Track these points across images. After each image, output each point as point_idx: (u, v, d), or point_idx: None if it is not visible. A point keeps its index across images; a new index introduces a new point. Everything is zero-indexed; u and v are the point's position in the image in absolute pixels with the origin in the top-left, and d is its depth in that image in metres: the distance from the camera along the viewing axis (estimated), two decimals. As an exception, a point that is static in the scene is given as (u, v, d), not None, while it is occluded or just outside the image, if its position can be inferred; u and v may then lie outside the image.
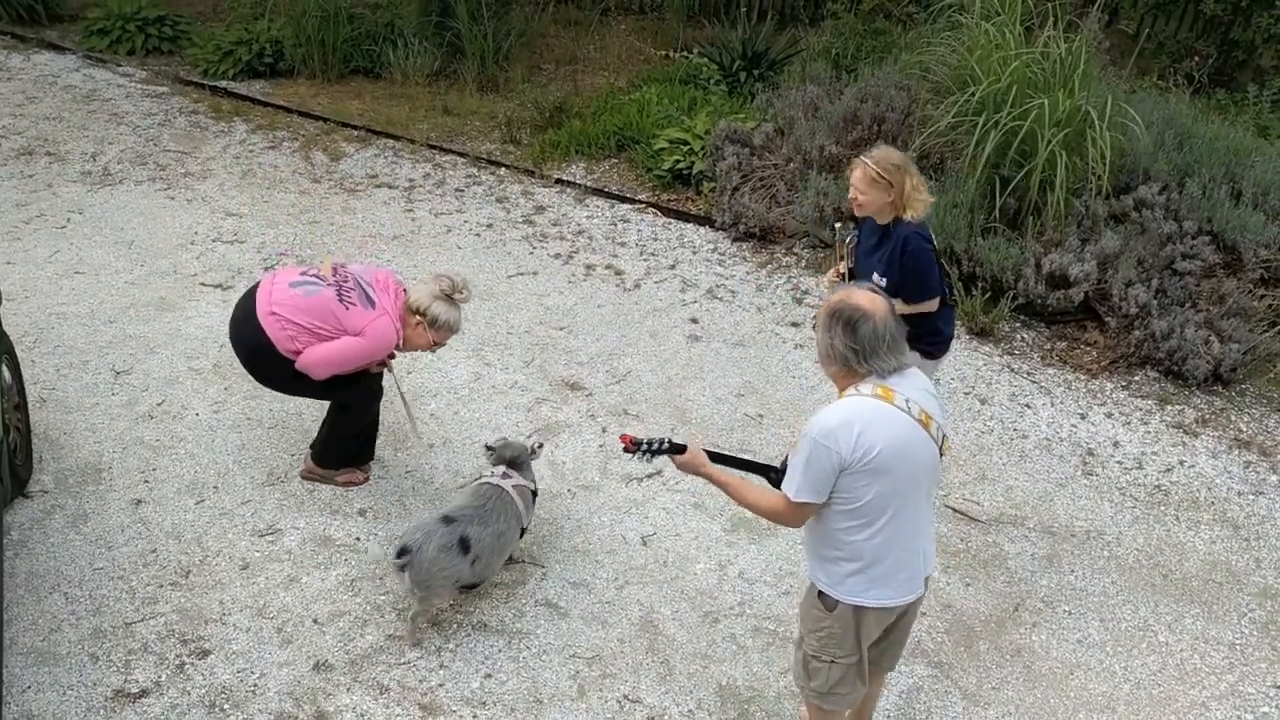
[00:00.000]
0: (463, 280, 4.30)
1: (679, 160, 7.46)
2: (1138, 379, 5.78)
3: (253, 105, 8.56)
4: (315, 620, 4.04)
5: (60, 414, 4.97)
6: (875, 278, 4.15)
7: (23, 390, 4.61)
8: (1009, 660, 4.10)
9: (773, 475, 3.12)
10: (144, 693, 3.70)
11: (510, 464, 4.22)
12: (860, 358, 2.88)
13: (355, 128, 8.25)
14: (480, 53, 8.90)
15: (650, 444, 3.07)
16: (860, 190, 4.06)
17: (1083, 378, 5.80)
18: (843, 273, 4.35)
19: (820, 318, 2.96)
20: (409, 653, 3.92)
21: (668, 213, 7.31)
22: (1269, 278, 6.06)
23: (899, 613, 3.14)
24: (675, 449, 3.09)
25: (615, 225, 7.14)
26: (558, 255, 6.73)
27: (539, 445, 4.41)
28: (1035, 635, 4.21)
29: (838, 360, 2.93)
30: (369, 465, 4.76)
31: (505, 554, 4.11)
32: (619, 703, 3.81)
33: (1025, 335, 6.13)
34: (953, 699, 3.93)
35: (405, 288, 4.32)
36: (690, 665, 3.97)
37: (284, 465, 4.77)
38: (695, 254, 6.84)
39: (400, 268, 6.35)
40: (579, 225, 7.11)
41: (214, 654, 3.87)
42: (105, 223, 6.71)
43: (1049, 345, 6.06)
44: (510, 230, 7.00)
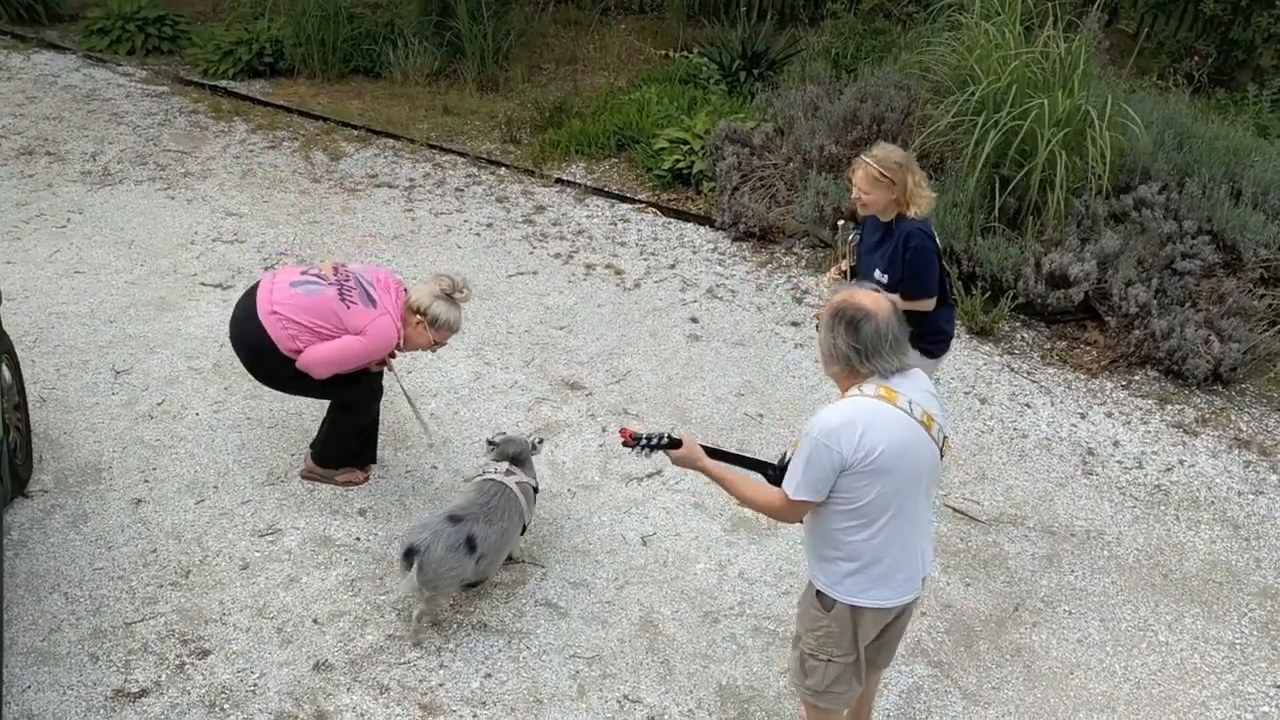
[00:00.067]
0: (463, 279, 4.31)
1: (679, 160, 7.46)
2: (1138, 378, 5.78)
3: (253, 105, 8.56)
4: (315, 620, 4.04)
5: (60, 414, 4.98)
6: (877, 274, 4.14)
7: (23, 390, 4.61)
8: (1009, 660, 4.10)
9: (770, 472, 3.11)
10: (144, 692, 3.70)
11: (513, 460, 4.22)
12: (863, 358, 2.87)
13: (355, 127, 8.25)
14: (480, 52, 8.90)
15: (649, 439, 3.08)
16: (863, 190, 4.06)
17: (1083, 377, 5.80)
18: (844, 271, 4.35)
19: (823, 317, 2.95)
20: (409, 653, 3.92)
21: (668, 212, 7.31)
22: (1269, 277, 6.06)
23: (896, 613, 3.14)
24: (673, 444, 3.10)
25: (615, 225, 7.14)
26: (558, 255, 6.73)
27: (540, 440, 4.42)
28: (1035, 635, 4.21)
29: (840, 360, 2.92)
30: (370, 465, 4.77)
31: (507, 551, 4.12)
32: (619, 703, 3.81)
33: (1025, 335, 6.13)
34: (953, 699, 3.93)
35: (405, 287, 4.32)
36: (690, 665, 3.97)
37: (284, 465, 4.77)
38: (695, 253, 6.84)
39: (400, 267, 6.35)
40: (579, 225, 7.11)
41: (214, 654, 3.87)
42: (105, 222, 6.71)
43: (1049, 345, 6.06)
44: (510, 230, 7.00)
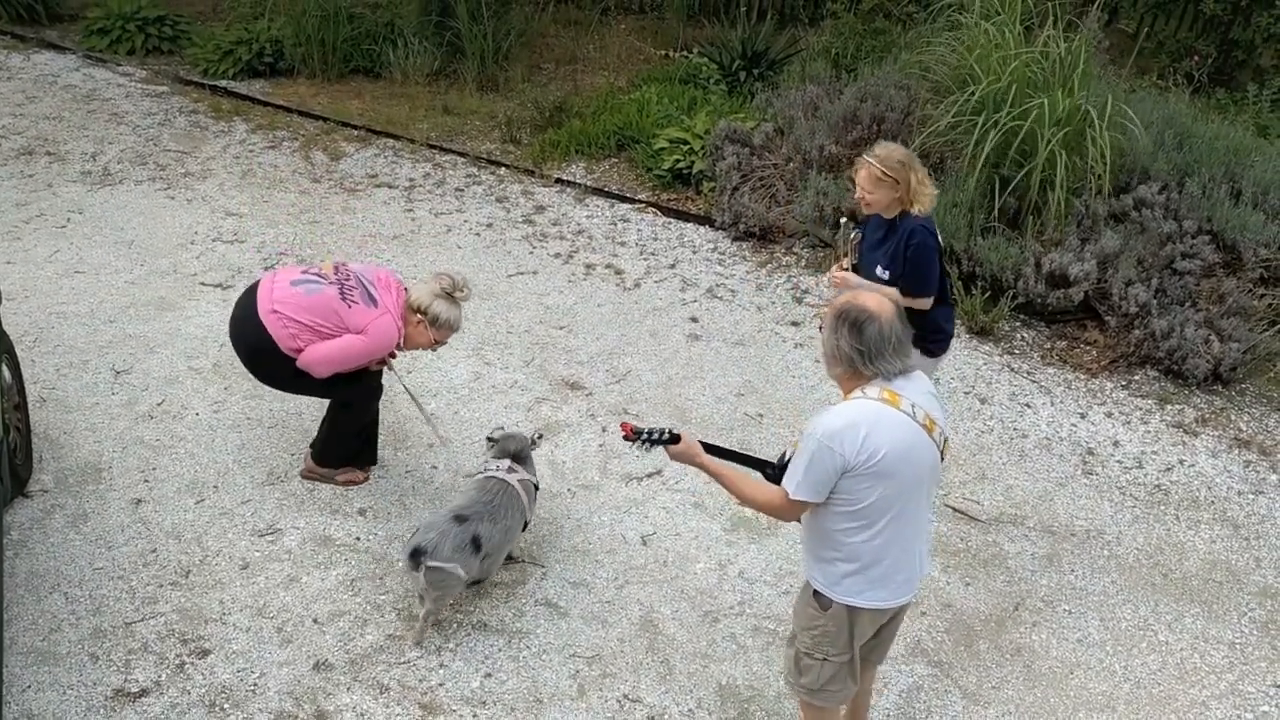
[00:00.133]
0: (463, 279, 4.31)
1: (679, 160, 7.46)
2: (1137, 378, 5.78)
3: (253, 105, 8.56)
4: (315, 620, 4.04)
5: (60, 414, 4.98)
6: (879, 271, 4.15)
7: (23, 390, 4.61)
8: (1009, 659, 4.10)
9: (769, 471, 3.12)
10: (144, 692, 3.70)
11: (514, 457, 4.23)
12: (866, 359, 2.87)
13: (355, 127, 8.25)
14: (480, 52, 8.90)
15: (650, 434, 3.10)
16: (867, 190, 4.06)
17: (1083, 377, 5.80)
18: (846, 268, 4.35)
19: (827, 319, 2.95)
20: (409, 652, 3.92)
21: (668, 212, 7.31)
22: (1269, 277, 6.06)
23: (892, 613, 3.15)
24: (672, 439, 3.11)
25: (615, 225, 7.14)
26: (558, 255, 6.73)
27: (539, 435, 4.45)
28: (1035, 634, 4.21)
29: (843, 361, 2.92)
30: (370, 466, 4.77)
31: (509, 549, 4.13)
32: (619, 702, 3.81)
33: (1025, 335, 6.13)
34: (953, 698, 3.93)
35: (405, 287, 4.32)
36: (690, 665, 3.97)
37: (284, 465, 4.77)
38: (695, 253, 6.84)
39: (400, 267, 6.35)
40: (579, 225, 7.11)
41: (214, 653, 3.87)
42: (105, 222, 6.71)
43: (1049, 344, 6.06)
44: (510, 230, 7.00)
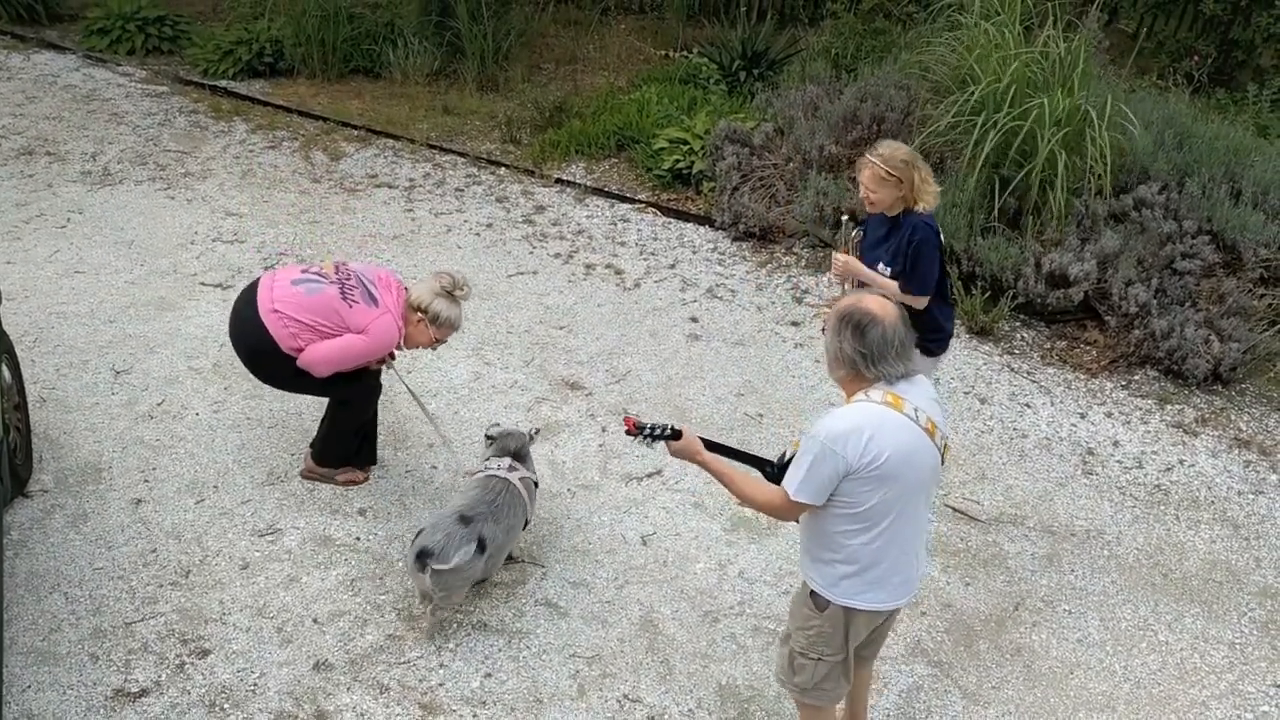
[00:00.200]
0: (463, 277, 4.32)
1: (679, 160, 7.46)
2: (1137, 378, 5.78)
3: (253, 105, 8.56)
4: (315, 620, 4.04)
5: (60, 414, 4.98)
6: (880, 268, 4.16)
7: (23, 390, 4.61)
8: (1009, 659, 4.10)
9: (769, 469, 3.13)
10: (144, 692, 3.70)
11: (514, 455, 4.23)
12: (869, 362, 2.87)
13: (355, 127, 8.25)
14: (480, 52, 8.90)
15: (652, 429, 3.11)
16: (871, 189, 4.07)
17: (1082, 377, 5.80)
18: (848, 255, 4.35)
19: (829, 321, 2.96)
20: (409, 652, 3.92)
21: (668, 212, 7.31)
22: (1269, 277, 6.06)
23: (886, 614, 3.15)
24: (674, 435, 3.12)
25: (615, 225, 7.14)
26: (557, 255, 6.74)
27: (536, 431, 4.49)
28: (1035, 634, 4.21)
29: (846, 364, 2.92)
30: (370, 466, 4.77)
31: (510, 547, 4.13)
32: (619, 702, 3.81)
33: (1025, 334, 6.13)
34: (952, 698, 3.93)
35: (406, 286, 4.33)
36: (690, 665, 3.97)
37: (284, 465, 4.77)
38: (695, 253, 6.85)
39: (400, 267, 6.35)
40: (579, 225, 7.11)
41: (214, 653, 3.87)
42: (105, 222, 6.71)
43: (1049, 344, 6.06)
44: (510, 230, 7.00)
